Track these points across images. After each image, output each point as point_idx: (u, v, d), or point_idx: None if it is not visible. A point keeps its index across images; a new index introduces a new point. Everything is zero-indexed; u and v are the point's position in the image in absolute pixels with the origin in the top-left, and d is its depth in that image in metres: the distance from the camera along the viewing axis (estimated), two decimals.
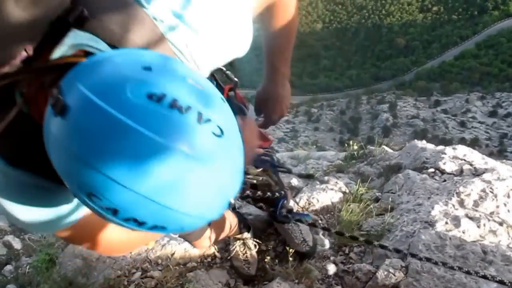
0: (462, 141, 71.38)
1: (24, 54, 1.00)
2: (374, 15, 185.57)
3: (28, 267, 4.01)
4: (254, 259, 3.08)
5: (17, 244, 4.89)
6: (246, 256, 3.04)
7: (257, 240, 3.14)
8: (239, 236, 3.07)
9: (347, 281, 2.86)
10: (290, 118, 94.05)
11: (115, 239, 1.45)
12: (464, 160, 4.12)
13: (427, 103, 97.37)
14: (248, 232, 3.08)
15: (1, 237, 5.05)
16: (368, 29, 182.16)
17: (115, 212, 0.88)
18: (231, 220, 2.43)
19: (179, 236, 2.24)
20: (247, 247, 3.06)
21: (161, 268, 3.18)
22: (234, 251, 3.08)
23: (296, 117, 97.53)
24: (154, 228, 0.93)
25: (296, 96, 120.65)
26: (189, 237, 2.19)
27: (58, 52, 1.04)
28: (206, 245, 2.37)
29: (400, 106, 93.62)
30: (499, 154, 67.27)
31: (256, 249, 3.13)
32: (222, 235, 2.41)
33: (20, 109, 1.06)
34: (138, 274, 3.16)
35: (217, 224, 2.27)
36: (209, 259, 3.26)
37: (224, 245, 3.29)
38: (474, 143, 71.28)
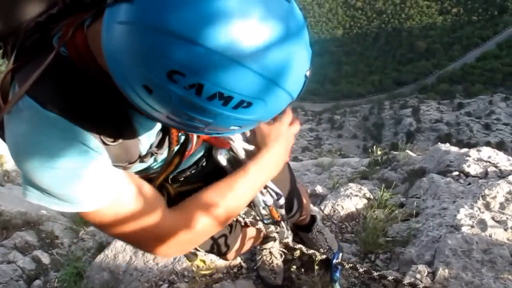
0: (488, 145, 69.61)
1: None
2: (394, 19, 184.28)
3: (56, 281, 4.07)
4: (280, 269, 3.08)
5: (45, 258, 4.98)
6: (273, 266, 3.04)
7: (283, 250, 3.14)
8: (265, 245, 3.07)
9: None
10: (314, 126, 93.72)
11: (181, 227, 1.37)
12: (489, 162, 4.07)
13: (450, 106, 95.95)
14: (274, 241, 3.08)
15: (30, 252, 5.14)
16: (388, 34, 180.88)
17: (199, 89, 0.87)
18: (257, 230, 2.45)
19: (208, 252, 2.23)
20: (273, 257, 3.06)
21: (188, 279, 3.21)
22: (261, 261, 3.08)
23: (319, 125, 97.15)
24: (238, 106, 0.92)
25: (319, 103, 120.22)
26: (217, 250, 2.20)
27: None
28: (233, 257, 2.37)
29: (423, 110, 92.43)
30: None
31: (282, 259, 3.13)
32: (249, 246, 2.42)
33: (58, 52, 1.11)
34: (165, 286, 3.20)
35: (244, 236, 2.28)
36: (235, 270, 3.27)
37: (250, 255, 3.30)
38: (500, 147, 69.77)
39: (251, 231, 2.35)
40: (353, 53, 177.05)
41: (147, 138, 1.35)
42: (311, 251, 2.19)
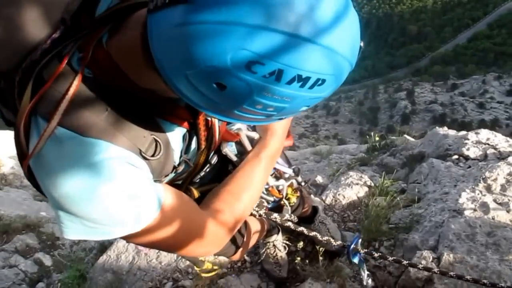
0: (482, 122, 70.50)
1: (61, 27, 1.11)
2: (385, 4, 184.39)
3: (59, 284, 4.06)
4: (284, 261, 3.07)
5: (47, 260, 4.97)
6: (277, 259, 3.04)
7: (287, 242, 3.13)
8: (268, 239, 3.07)
9: (379, 276, 2.84)
10: (309, 113, 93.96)
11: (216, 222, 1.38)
12: (488, 144, 4.07)
13: (444, 87, 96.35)
14: (277, 234, 3.08)
15: (31, 255, 5.13)
16: (379, 19, 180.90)
17: (279, 75, 0.87)
18: (261, 224, 2.44)
19: (216, 255, 2.24)
20: (277, 249, 3.06)
21: (192, 276, 3.20)
22: (265, 254, 3.07)
23: (315, 112, 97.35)
24: (315, 85, 0.92)
25: None
26: (227, 252, 2.19)
27: (103, 7, 1.14)
28: (239, 257, 2.37)
29: (418, 93, 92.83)
30: None
31: (286, 251, 3.12)
32: (254, 242, 2.42)
33: (83, 75, 1.08)
34: (170, 284, 3.19)
35: (249, 233, 2.27)
36: (239, 264, 3.27)
37: (254, 248, 3.29)
38: (494, 124, 70.30)
39: (255, 226, 2.34)
40: None
41: (177, 145, 1.34)
42: (325, 238, 2.18)
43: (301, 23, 0.84)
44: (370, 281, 2.08)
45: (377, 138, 6.33)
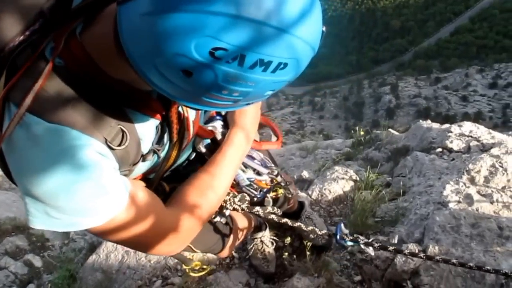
0: (466, 115, 71.29)
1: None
2: (367, 0, 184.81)
3: (49, 285, 4.04)
4: (272, 257, 3.09)
5: (37, 262, 4.93)
6: (265, 254, 3.05)
7: (274, 238, 3.14)
8: (256, 234, 3.08)
9: (366, 270, 2.87)
10: (295, 109, 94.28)
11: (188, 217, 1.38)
12: (471, 136, 4.12)
13: (428, 81, 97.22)
14: (265, 230, 3.09)
15: (21, 257, 5.09)
16: (362, 14, 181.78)
17: (241, 60, 0.89)
18: (248, 220, 2.45)
19: (202, 251, 2.23)
20: (264, 245, 3.07)
21: (181, 274, 3.20)
22: (252, 250, 3.08)
23: (300, 108, 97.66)
24: (277, 69, 0.95)
25: (299, 87, 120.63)
26: (214, 249, 2.20)
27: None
28: (227, 254, 2.38)
29: (402, 87, 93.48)
30: (504, 125, 67.27)
31: (274, 246, 3.13)
32: (241, 238, 2.43)
33: (53, 64, 1.09)
34: (159, 282, 3.19)
35: (236, 229, 2.27)
36: (227, 260, 3.27)
37: (242, 245, 3.30)
38: (477, 117, 71.16)
39: (242, 223, 2.34)
40: (329, 35, 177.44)
41: (148, 136, 1.35)
42: (310, 228, 2.19)
43: (261, 9, 0.86)
44: (371, 249, 2.10)
45: (362, 133, 6.37)
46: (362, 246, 2.07)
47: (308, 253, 2.98)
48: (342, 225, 2.12)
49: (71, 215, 1.11)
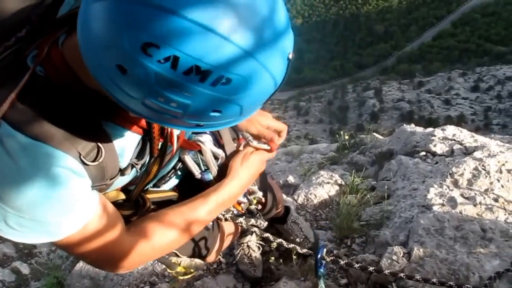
0: (448, 118, 72.11)
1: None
2: (351, 5, 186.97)
3: None
4: (259, 261, 3.09)
5: (24, 269, 4.87)
6: (251, 259, 3.06)
7: (261, 242, 3.15)
8: (242, 239, 3.08)
9: (352, 273, 2.88)
10: (280, 114, 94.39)
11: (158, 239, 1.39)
12: (454, 140, 4.17)
13: (411, 85, 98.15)
14: (251, 235, 3.10)
15: (9, 264, 5.03)
16: (346, 19, 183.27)
17: (175, 62, 0.83)
18: (234, 225, 2.45)
19: (189, 257, 2.24)
20: (251, 250, 3.07)
21: (169, 279, 3.19)
22: (239, 255, 3.09)
23: (286, 112, 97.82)
24: (217, 83, 0.87)
25: (284, 91, 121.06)
26: (199, 254, 2.20)
27: (65, 9, 1.16)
28: (214, 259, 2.38)
29: (385, 91, 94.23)
30: (486, 127, 68.22)
31: (260, 251, 3.14)
32: (228, 243, 2.43)
33: (34, 72, 1.08)
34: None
35: (222, 235, 2.28)
36: (214, 266, 3.27)
37: (229, 250, 3.30)
38: (460, 120, 72.02)
39: (229, 229, 2.35)
40: (313, 41, 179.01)
41: (128, 151, 1.34)
42: (291, 245, 2.21)
43: (207, 12, 0.82)
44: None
45: (346, 137, 6.43)
46: (342, 266, 2.11)
47: (294, 257, 3.00)
48: (325, 250, 2.14)
49: (33, 230, 1.12)
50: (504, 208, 2.90)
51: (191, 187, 1.69)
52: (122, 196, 1.51)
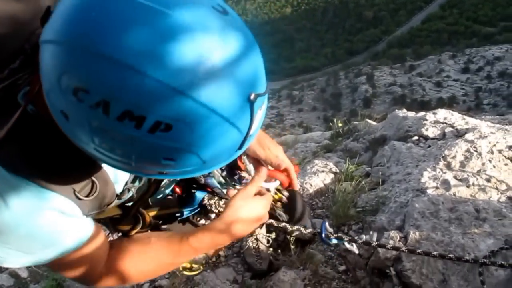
0: (440, 100, 72.35)
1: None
2: None
3: None
4: (266, 254, 3.07)
5: (23, 272, 4.85)
6: (259, 252, 3.05)
7: (269, 235, 3.12)
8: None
9: (350, 259, 2.92)
10: (274, 103, 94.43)
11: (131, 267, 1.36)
12: (445, 123, 4.20)
13: (402, 69, 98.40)
14: (260, 228, 3.04)
15: (6, 268, 5.01)
16: (335, 7, 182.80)
17: (105, 107, 0.78)
18: None
19: None
20: (260, 243, 3.05)
21: (168, 275, 3.21)
22: (246, 247, 3.07)
23: (279, 102, 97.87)
24: (155, 129, 0.81)
25: (277, 81, 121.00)
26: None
27: None
28: (214, 253, 2.37)
29: (377, 76, 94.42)
30: (477, 108, 68.59)
31: (269, 244, 3.12)
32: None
33: (25, 110, 1.02)
34: (147, 285, 3.19)
35: None
36: (213, 259, 3.29)
37: None
38: (452, 101, 72.34)
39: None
40: (304, 29, 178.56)
41: (123, 177, 1.32)
42: (295, 227, 2.18)
43: (128, 49, 0.76)
44: (354, 246, 2.13)
45: (340, 124, 6.44)
46: (346, 244, 2.10)
47: (292, 247, 3.02)
48: (327, 223, 2.11)
49: (18, 257, 1.14)
50: (497, 188, 2.94)
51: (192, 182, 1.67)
52: (118, 211, 1.50)
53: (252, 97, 0.87)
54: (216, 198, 1.84)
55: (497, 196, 2.86)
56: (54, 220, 1.09)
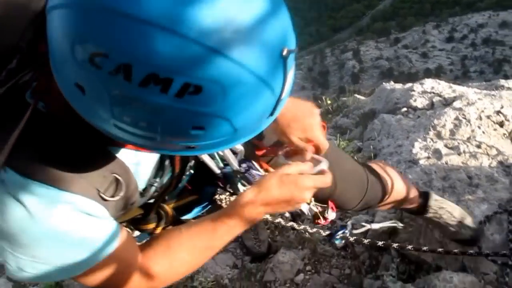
0: (427, 71, 72.55)
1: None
2: None
3: None
4: (264, 237, 3.08)
5: None
6: (257, 235, 3.05)
7: (267, 217, 3.08)
8: None
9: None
10: None
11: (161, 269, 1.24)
12: (433, 92, 4.20)
13: (388, 42, 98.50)
14: None
15: (4, 272, 5.00)
16: None
17: (127, 71, 0.70)
18: None
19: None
20: (258, 226, 3.05)
21: None
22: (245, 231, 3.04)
23: None
24: (184, 92, 0.73)
25: None
26: None
27: None
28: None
29: (363, 51, 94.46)
30: (464, 76, 68.93)
31: (267, 227, 3.13)
32: None
33: (35, 108, 0.95)
34: None
35: None
36: None
37: None
38: (439, 71, 72.60)
39: None
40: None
41: (142, 173, 1.24)
42: (314, 229, 2.11)
43: (161, 10, 0.69)
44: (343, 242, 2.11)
45: (329, 102, 6.44)
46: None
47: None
48: (347, 231, 1.97)
49: (49, 271, 1.06)
50: (487, 154, 2.95)
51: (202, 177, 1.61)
52: (140, 211, 1.41)
53: (285, 52, 0.81)
54: (227, 193, 1.78)
55: (488, 162, 2.88)
56: (81, 223, 1.02)
